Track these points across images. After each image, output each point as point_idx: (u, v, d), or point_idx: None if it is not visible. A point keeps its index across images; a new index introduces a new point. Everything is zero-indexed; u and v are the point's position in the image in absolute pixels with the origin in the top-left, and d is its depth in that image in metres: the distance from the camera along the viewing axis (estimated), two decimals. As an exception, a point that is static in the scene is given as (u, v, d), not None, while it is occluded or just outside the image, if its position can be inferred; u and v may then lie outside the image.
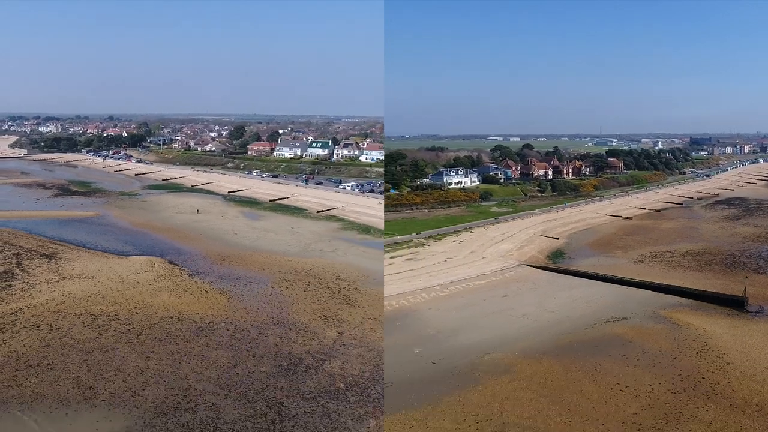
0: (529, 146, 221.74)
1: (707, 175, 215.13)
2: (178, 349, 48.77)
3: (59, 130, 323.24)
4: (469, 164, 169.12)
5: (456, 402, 41.49)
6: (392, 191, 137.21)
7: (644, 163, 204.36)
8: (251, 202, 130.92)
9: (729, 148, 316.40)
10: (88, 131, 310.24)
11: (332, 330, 53.96)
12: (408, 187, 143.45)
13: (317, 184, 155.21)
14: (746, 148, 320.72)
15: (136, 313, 56.62)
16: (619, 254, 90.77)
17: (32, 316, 55.01)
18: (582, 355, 50.07)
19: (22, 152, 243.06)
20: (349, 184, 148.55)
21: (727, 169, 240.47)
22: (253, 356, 47.87)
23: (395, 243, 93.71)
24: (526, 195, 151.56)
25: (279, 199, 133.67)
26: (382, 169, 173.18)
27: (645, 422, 38.66)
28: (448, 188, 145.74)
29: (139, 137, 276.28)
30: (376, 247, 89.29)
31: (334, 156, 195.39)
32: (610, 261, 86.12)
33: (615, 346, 52.25)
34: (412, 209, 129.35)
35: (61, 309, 57.02)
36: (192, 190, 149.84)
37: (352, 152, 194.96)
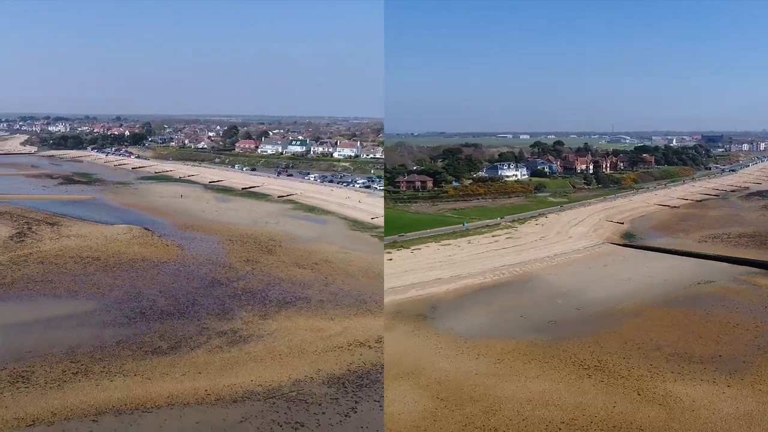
0: (560, 143, 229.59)
1: (732, 170, 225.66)
2: (137, 275, 71.22)
3: (68, 130, 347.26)
4: (513, 159, 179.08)
5: (611, 333, 55.35)
6: (454, 183, 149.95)
7: (673, 159, 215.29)
8: (226, 190, 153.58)
9: (745, 145, 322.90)
10: (95, 130, 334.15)
11: (248, 267, 76.28)
12: (468, 179, 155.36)
13: (288, 176, 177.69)
14: (762, 145, 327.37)
15: (112, 256, 79.15)
16: (681, 236, 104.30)
17: (39, 257, 77.63)
18: (690, 305, 63.59)
19: (33, 149, 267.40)
20: (313, 176, 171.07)
21: (748, 165, 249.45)
22: (187, 279, 70.26)
23: (487, 225, 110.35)
24: (574, 187, 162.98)
25: (250, 187, 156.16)
26: (348, 164, 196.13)
27: (763, 344, 51.22)
28: (506, 180, 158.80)
29: (140, 136, 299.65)
30: (312, 220, 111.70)
31: (311, 153, 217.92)
32: (677, 241, 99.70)
33: (713, 299, 65.10)
34: (478, 199, 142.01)
35: (59, 253, 79.62)
36: (179, 180, 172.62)
37: (326, 149, 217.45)
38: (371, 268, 76.59)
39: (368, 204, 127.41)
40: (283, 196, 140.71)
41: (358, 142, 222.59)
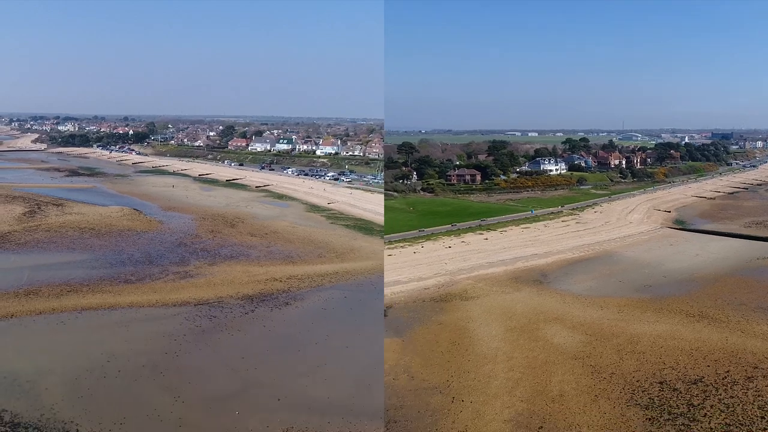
0: (585, 140, 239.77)
1: (753, 166, 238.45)
2: (122, 239, 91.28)
3: (76, 129, 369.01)
4: (548, 154, 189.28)
5: (700, 293, 67.16)
6: (502, 177, 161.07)
7: (696, 155, 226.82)
8: (212, 181, 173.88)
9: (759, 142, 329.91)
10: (101, 130, 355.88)
11: (211, 235, 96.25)
12: (513, 173, 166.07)
13: (270, 170, 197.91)
14: None
15: (104, 228, 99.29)
16: (727, 222, 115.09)
17: (46, 227, 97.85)
18: (756, 275, 75.24)
19: (43, 146, 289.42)
20: (291, 170, 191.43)
21: (766, 161, 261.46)
22: (160, 243, 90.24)
23: (552, 213, 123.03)
24: (611, 180, 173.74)
25: (234, 179, 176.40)
26: (326, 160, 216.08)
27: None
28: (549, 174, 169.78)
29: (142, 135, 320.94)
30: (277, 204, 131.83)
31: (296, 150, 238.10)
32: (725, 226, 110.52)
33: (775, 270, 79.11)
34: (527, 191, 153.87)
35: (62, 225, 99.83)
36: (173, 173, 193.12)
37: (310, 147, 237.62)
38: (308, 237, 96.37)
39: (330, 192, 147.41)
40: (260, 186, 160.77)
41: (339, 141, 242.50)
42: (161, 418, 38.23)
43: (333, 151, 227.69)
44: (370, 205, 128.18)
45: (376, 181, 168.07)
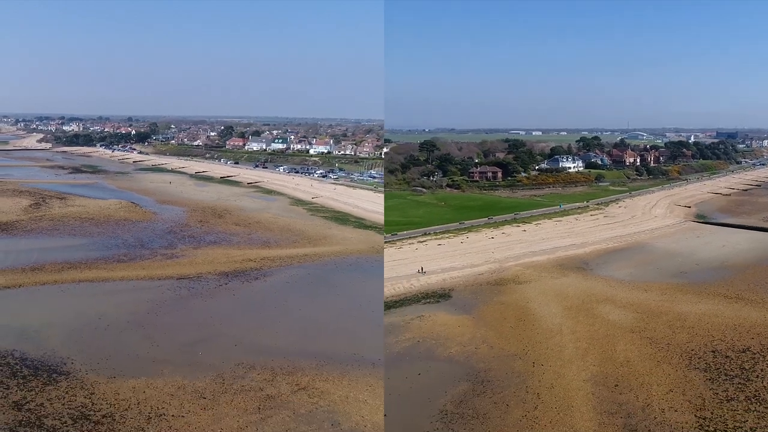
0: (597, 138, 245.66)
1: (763, 164, 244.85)
2: (118, 227, 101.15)
3: (80, 129, 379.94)
4: (564, 152, 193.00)
5: (734, 279, 73.50)
6: (522, 174, 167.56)
7: (707, 153, 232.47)
8: (207, 178, 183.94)
9: (766, 141, 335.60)
10: (105, 130, 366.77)
11: (199, 224, 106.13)
12: (532, 170, 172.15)
13: (263, 168, 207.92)
14: None
15: (103, 218, 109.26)
16: (745, 216, 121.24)
17: (50, 217, 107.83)
18: None
19: (48, 146, 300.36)
20: (282, 168, 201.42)
21: None
22: (152, 230, 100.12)
23: (579, 207, 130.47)
24: (628, 178, 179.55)
25: (228, 176, 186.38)
26: (318, 158, 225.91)
27: None
28: (568, 171, 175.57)
29: (144, 135, 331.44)
30: (264, 198, 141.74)
31: (290, 149, 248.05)
32: (745, 220, 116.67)
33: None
34: (549, 187, 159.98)
35: (65, 215, 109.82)
36: (171, 171, 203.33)
37: (303, 146, 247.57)
38: (287, 226, 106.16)
39: (316, 188, 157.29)
40: (251, 183, 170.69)
41: (331, 140, 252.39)
42: (139, 357, 47.95)
43: (325, 151, 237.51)
44: (351, 199, 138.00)
45: (362, 178, 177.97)
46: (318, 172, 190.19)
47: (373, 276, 73.87)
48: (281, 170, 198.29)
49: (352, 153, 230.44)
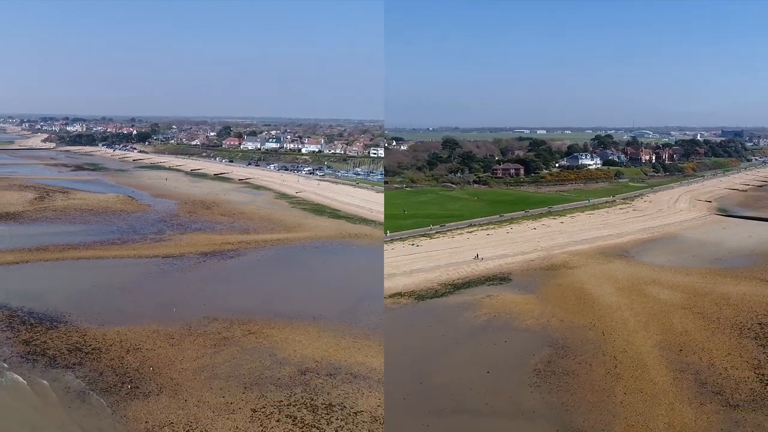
0: (609, 136, 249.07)
1: None
2: (115, 217, 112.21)
3: (84, 129, 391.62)
4: (581, 150, 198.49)
5: (766, 264, 79.62)
6: (545, 170, 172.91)
7: (719, 151, 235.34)
8: (202, 175, 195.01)
9: None
10: (108, 130, 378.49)
11: (188, 215, 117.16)
12: (553, 167, 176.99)
13: (255, 166, 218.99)
14: None
15: (101, 209, 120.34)
16: (764, 210, 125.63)
17: (53, 208, 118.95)
18: None
19: (52, 145, 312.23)
20: (273, 165, 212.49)
21: None
22: (145, 220, 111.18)
23: (606, 202, 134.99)
24: (646, 174, 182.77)
25: (221, 173, 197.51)
26: (308, 157, 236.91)
27: None
28: (589, 168, 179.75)
29: (145, 134, 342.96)
30: (252, 193, 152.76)
31: (283, 148, 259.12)
32: (766, 213, 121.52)
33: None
34: (571, 183, 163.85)
35: (67, 207, 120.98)
36: (168, 169, 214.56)
37: (296, 146, 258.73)
38: (268, 216, 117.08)
39: (302, 184, 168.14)
40: (242, 179, 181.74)
41: (322, 140, 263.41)
42: (124, 312, 58.85)
43: (316, 149, 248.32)
44: (331, 193, 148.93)
45: (347, 175, 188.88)
46: (306, 169, 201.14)
47: (332, 254, 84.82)
48: (271, 168, 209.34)
49: (342, 152, 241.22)
